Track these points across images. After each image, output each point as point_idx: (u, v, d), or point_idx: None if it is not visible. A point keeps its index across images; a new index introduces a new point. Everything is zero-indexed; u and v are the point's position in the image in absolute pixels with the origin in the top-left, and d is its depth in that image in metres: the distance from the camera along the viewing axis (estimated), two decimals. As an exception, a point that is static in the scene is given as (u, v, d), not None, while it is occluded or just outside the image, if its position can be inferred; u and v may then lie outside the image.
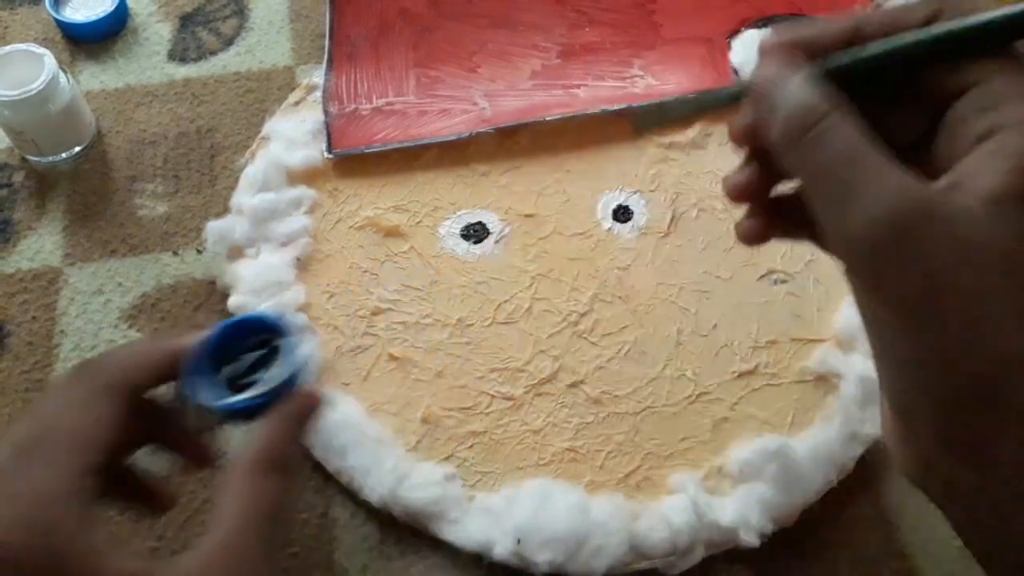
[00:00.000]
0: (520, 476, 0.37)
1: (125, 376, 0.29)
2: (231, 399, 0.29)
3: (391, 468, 0.36)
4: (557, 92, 0.47)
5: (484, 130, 0.45)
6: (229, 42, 0.51)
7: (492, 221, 0.43)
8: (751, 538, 0.34)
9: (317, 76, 0.48)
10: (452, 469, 0.36)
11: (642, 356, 0.40)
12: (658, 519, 0.35)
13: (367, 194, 0.44)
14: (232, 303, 0.40)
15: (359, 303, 0.41)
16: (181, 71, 0.49)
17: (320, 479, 0.37)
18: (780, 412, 0.38)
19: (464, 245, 0.43)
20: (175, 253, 0.43)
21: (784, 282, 0.41)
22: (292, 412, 0.29)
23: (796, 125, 0.26)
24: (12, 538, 0.25)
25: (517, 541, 0.34)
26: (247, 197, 0.42)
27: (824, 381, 0.39)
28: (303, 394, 0.30)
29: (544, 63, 0.48)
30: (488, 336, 0.40)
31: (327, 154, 0.45)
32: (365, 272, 0.42)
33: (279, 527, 0.28)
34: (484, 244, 0.43)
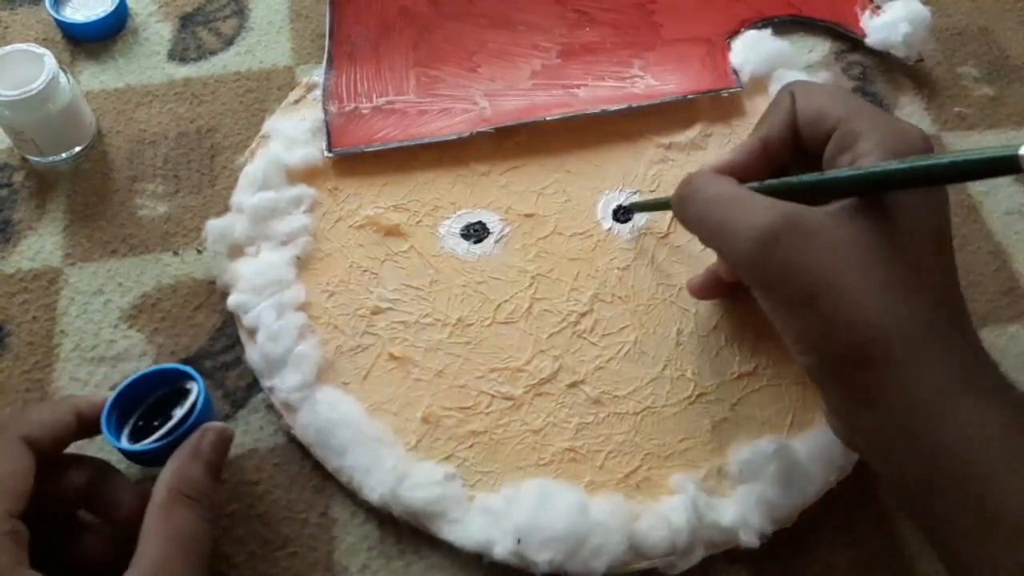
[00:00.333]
0: (520, 476, 0.36)
1: (36, 429, 0.31)
2: (137, 444, 0.33)
3: (391, 468, 0.36)
4: (557, 92, 0.47)
5: (484, 130, 0.45)
6: (229, 42, 0.51)
7: (492, 221, 0.43)
8: (751, 538, 0.34)
9: (317, 75, 0.48)
10: (452, 469, 0.36)
11: (642, 356, 0.40)
12: (658, 519, 0.35)
13: (367, 193, 0.44)
14: (232, 301, 0.40)
15: (359, 302, 0.41)
16: (181, 71, 0.49)
17: (319, 478, 0.37)
18: (780, 413, 0.38)
19: (464, 245, 0.43)
20: (175, 253, 0.43)
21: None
22: (197, 446, 0.32)
23: (677, 193, 0.34)
24: None
25: (517, 541, 0.34)
26: (247, 196, 0.42)
27: (824, 381, 0.39)
28: (208, 429, 0.33)
29: (544, 63, 0.48)
30: (488, 336, 0.40)
31: (327, 153, 0.45)
32: (365, 271, 0.42)
33: (198, 555, 0.30)
34: (484, 244, 0.43)
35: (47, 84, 0.42)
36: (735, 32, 0.50)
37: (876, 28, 0.50)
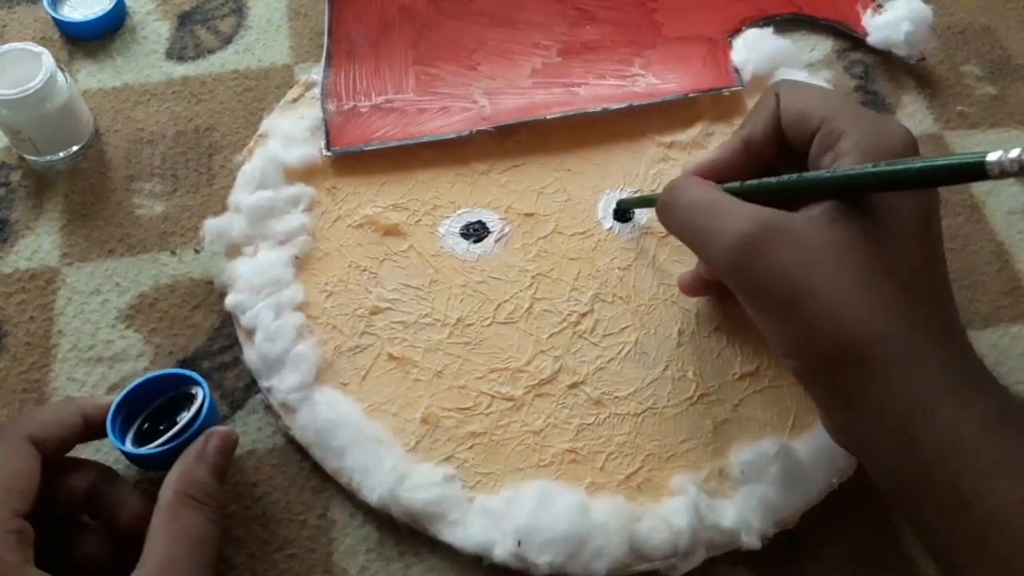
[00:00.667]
0: (520, 477, 0.36)
1: (42, 430, 0.31)
2: (142, 448, 0.33)
3: (390, 469, 0.35)
4: (557, 90, 0.47)
5: (484, 128, 0.45)
6: (227, 40, 0.50)
7: (492, 220, 0.43)
8: (752, 540, 0.34)
9: (316, 73, 0.47)
10: (452, 470, 0.36)
11: (643, 357, 0.39)
12: (659, 521, 0.34)
13: (366, 192, 0.44)
14: (230, 301, 0.40)
15: (358, 302, 0.40)
16: (179, 70, 0.49)
17: (319, 480, 0.37)
18: (782, 414, 0.38)
19: (464, 244, 0.42)
20: (173, 253, 0.43)
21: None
22: (203, 449, 0.33)
23: (661, 200, 0.34)
24: None
25: (517, 543, 0.34)
26: (245, 195, 0.42)
27: (826, 382, 0.39)
28: (213, 433, 0.33)
29: (544, 61, 0.48)
30: (488, 336, 0.40)
31: (325, 152, 0.44)
32: (364, 271, 0.41)
33: (205, 557, 0.31)
34: (484, 243, 0.42)
35: (45, 83, 0.42)
36: (737, 30, 0.50)
37: (878, 27, 0.50)
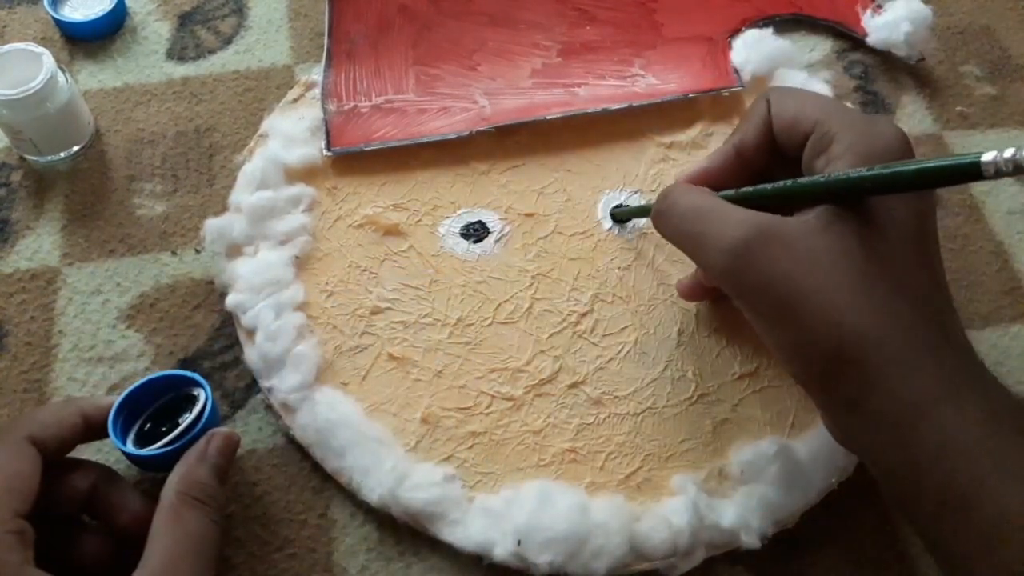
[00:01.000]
0: (520, 477, 0.36)
1: (43, 430, 0.31)
2: (145, 449, 0.33)
3: (390, 468, 0.35)
4: (557, 91, 0.47)
5: (484, 128, 0.45)
6: (228, 41, 0.50)
7: (492, 220, 0.43)
8: (752, 540, 0.34)
9: (316, 74, 0.47)
10: (452, 470, 0.36)
11: (643, 357, 0.39)
12: (659, 520, 0.34)
13: (366, 192, 0.44)
14: (230, 301, 0.40)
15: (358, 302, 0.40)
16: (180, 70, 0.49)
17: (319, 479, 0.37)
18: (781, 414, 0.38)
19: (464, 244, 0.42)
20: (173, 253, 0.43)
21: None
22: (204, 450, 0.33)
23: (655, 208, 0.35)
24: None
25: (517, 542, 0.34)
26: (245, 195, 0.42)
27: (826, 381, 0.39)
28: (215, 434, 0.33)
29: (544, 61, 0.48)
30: (488, 336, 0.40)
31: (326, 152, 0.44)
32: (364, 271, 0.41)
33: (206, 557, 0.31)
34: (484, 243, 0.42)
35: (45, 83, 0.42)
36: (736, 31, 0.50)
37: (877, 27, 0.50)
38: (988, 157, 0.25)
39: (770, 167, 0.34)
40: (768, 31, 0.49)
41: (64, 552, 0.32)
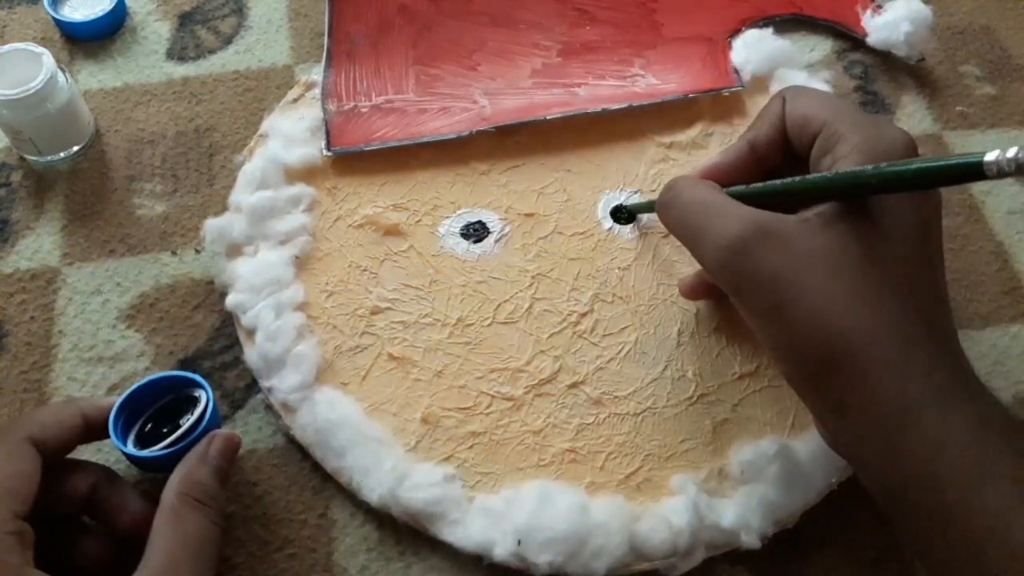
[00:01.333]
0: (520, 477, 0.36)
1: (43, 430, 0.31)
2: (146, 450, 0.33)
3: (390, 468, 0.36)
4: (557, 91, 0.47)
5: (484, 128, 0.45)
6: (228, 41, 0.50)
7: (492, 220, 0.43)
8: (752, 540, 0.34)
9: (316, 74, 0.47)
10: (452, 470, 0.36)
11: (643, 357, 0.39)
12: (659, 520, 0.34)
13: (366, 192, 0.44)
14: (230, 301, 0.40)
15: (358, 302, 0.40)
16: (180, 70, 0.49)
17: (319, 479, 0.37)
18: (781, 414, 0.38)
19: (464, 244, 0.42)
20: (173, 253, 0.43)
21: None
22: (205, 452, 0.33)
23: (660, 198, 0.35)
24: None
25: (517, 542, 0.34)
26: (245, 195, 0.42)
27: (826, 381, 0.39)
28: (216, 435, 0.33)
29: (544, 61, 0.48)
30: (488, 336, 0.40)
31: (326, 152, 0.44)
32: (364, 271, 0.41)
33: (207, 558, 0.31)
34: (484, 243, 0.42)
35: (45, 83, 0.42)
36: (736, 31, 0.50)
37: (877, 27, 0.50)
38: (991, 157, 0.25)
39: (783, 166, 0.34)
40: (768, 31, 0.49)
41: (64, 553, 0.32)
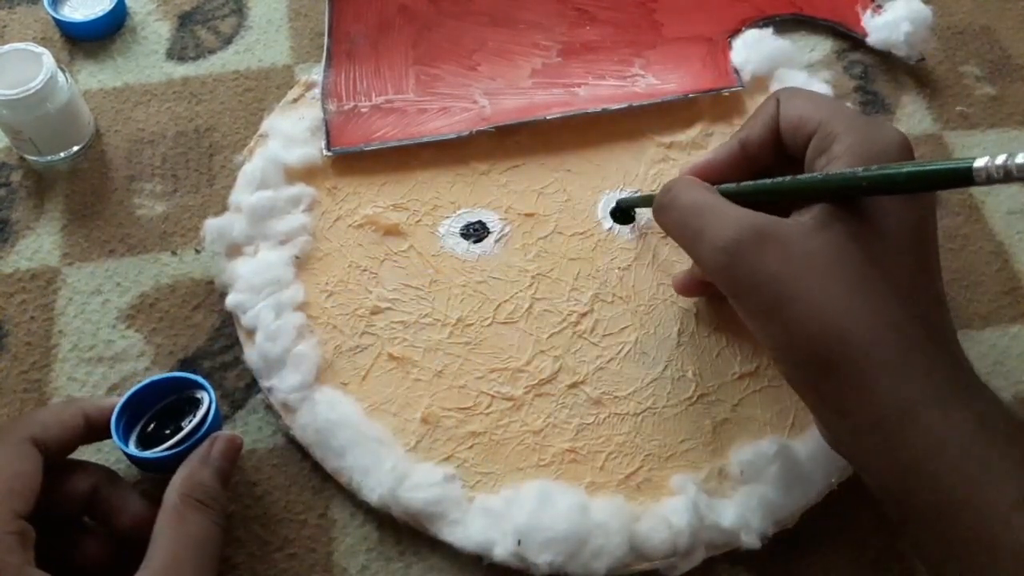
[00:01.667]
0: (520, 477, 0.36)
1: (44, 431, 0.31)
2: (148, 452, 0.33)
3: (390, 468, 0.36)
4: (557, 91, 0.47)
5: (484, 128, 0.45)
6: (228, 41, 0.50)
7: (492, 220, 0.43)
8: (752, 540, 0.34)
9: (316, 74, 0.47)
10: (452, 470, 0.36)
11: (643, 357, 0.39)
12: (659, 520, 0.34)
13: (366, 192, 0.44)
14: (230, 301, 0.40)
15: (358, 302, 0.40)
16: (180, 70, 0.49)
17: (319, 479, 0.37)
18: (781, 413, 0.38)
19: (464, 244, 0.42)
20: (173, 253, 0.43)
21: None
22: (207, 453, 0.33)
23: (657, 201, 0.35)
24: None
25: (517, 542, 0.34)
26: (245, 195, 0.42)
27: (826, 381, 0.39)
28: (218, 437, 0.34)
29: (544, 61, 0.48)
30: (488, 336, 0.40)
31: (326, 152, 0.44)
32: (364, 271, 0.41)
33: (208, 559, 0.31)
34: (484, 243, 0.42)
35: (45, 83, 0.42)
36: (736, 31, 0.50)
37: (877, 27, 0.50)
38: (980, 163, 0.25)
39: (775, 167, 0.34)
40: (768, 31, 0.49)
41: (64, 553, 0.32)
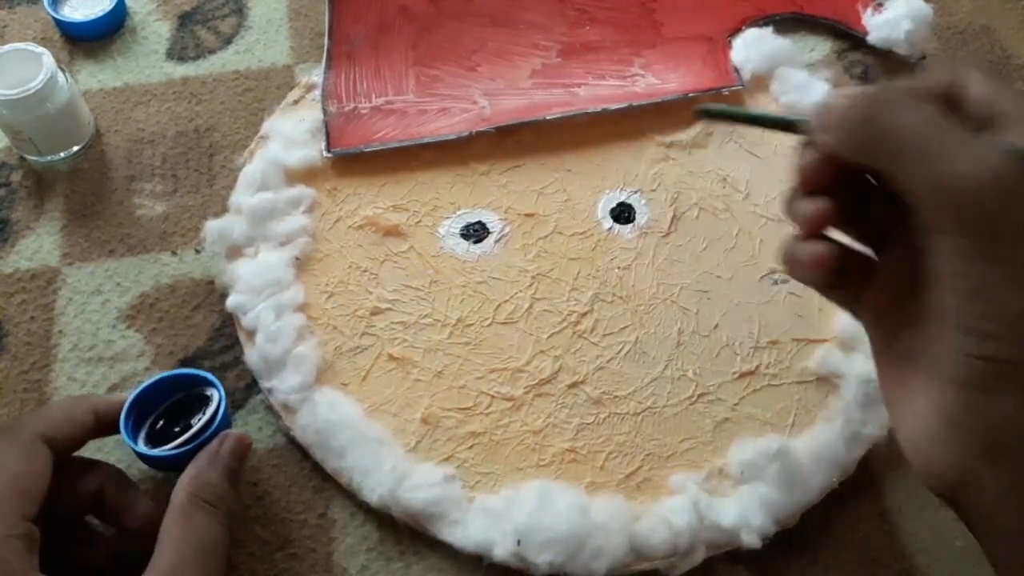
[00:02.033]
0: (520, 477, 0.36)
1: (55, 428, 0.31)
2: (157, 449, 0.33)
3: (390, 469, 0.36)
4: (557, 91, 0.47)
5: (484, 129, 0.45)
6: (228, 41, 0.50)
7: (492, 220, 0.43)
8: (752, 539, 0.34)
9: (316, 75, 0.47)
10: (452, 470, 0.36)
11: (643, 356, 0.39)
12: (659, 520, 0.34)
13: (366, 193, 0.44)
14: (231, 302, 0.40)
15: (358, 303, 0.40)
16: (180, 70, 0.49)
17: (319, 479, 0.37)
18: (781, 413, 0.38)
19: (464, 245, 0.42)
20: (173, 253, 0.43)
21: (785, 282, 0.41)
22: (216, 453, 0.33)
23: (857, 112, 0.26)
24: None
25: (517, 542, 0.34)
26: (246, 196, 0.42)
27: (825, 382, 0.39)
28: (227, 436, 0.33)
29: (544, 62, 0.48)
30: (488, 336, 0.40)
31: (326, 153, 0.44)
32: (364, 272, 0.41)
33: (216, 560, 0.30)
34: (484, 244, 0.43)
35: (45, 83, 0.42)
36: (736, 30, 0.50)
37: (878, 25, 0.50)
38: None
39: None
40: (768, 30, 0.49)
41: (69, 553, 0.32)
